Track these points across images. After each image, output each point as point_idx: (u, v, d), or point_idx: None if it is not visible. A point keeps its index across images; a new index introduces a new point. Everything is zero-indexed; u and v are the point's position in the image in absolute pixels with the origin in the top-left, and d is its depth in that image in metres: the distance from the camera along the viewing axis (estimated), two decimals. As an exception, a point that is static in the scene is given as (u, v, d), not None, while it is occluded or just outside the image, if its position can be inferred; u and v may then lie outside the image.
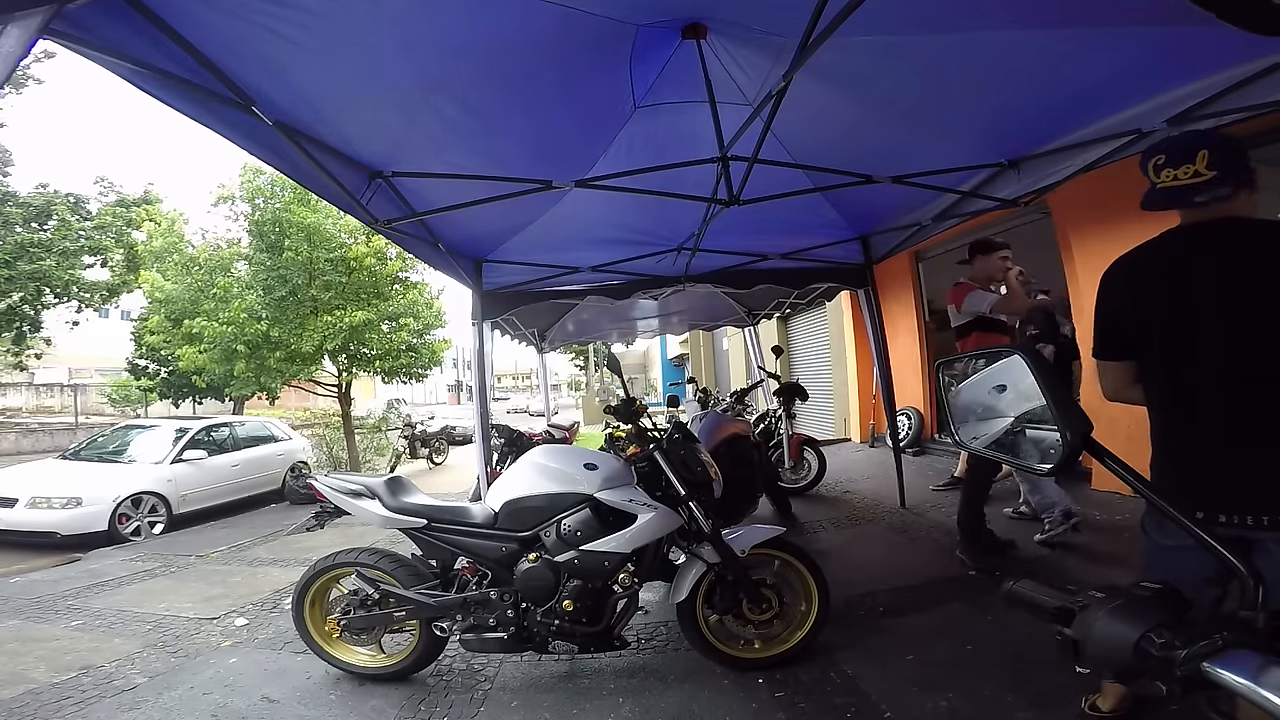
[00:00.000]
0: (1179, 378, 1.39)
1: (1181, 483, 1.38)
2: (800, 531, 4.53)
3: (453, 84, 2.30)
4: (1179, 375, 1.39)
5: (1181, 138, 1.36)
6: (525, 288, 4.82)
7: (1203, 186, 1.31)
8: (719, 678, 2.51)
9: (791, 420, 5.72)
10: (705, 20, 2.13)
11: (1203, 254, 1.35)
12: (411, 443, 11.63)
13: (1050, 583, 0.75)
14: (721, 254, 4.72)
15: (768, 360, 7.07)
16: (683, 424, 3.02)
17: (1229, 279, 1.31)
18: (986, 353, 0.96)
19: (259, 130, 2.17)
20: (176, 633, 3.43)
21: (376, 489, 2.57)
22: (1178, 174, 1.33)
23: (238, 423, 9.16)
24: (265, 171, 9.71)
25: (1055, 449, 0.81)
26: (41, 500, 6.31)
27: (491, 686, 2.58)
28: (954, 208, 3.75)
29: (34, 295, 14.43)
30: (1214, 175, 1.29)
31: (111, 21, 1.52)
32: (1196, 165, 1.30)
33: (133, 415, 18.64)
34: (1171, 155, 1.34)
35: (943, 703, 2.20)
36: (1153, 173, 1.38)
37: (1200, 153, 1.31)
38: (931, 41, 2.19)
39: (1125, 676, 0.59)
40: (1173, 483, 1.41)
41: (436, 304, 11.67)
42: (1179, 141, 1.36)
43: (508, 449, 5.67)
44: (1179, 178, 1.33)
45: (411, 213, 3.22)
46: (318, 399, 13.26)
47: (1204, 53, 2.00)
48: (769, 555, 2.57)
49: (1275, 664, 0.50)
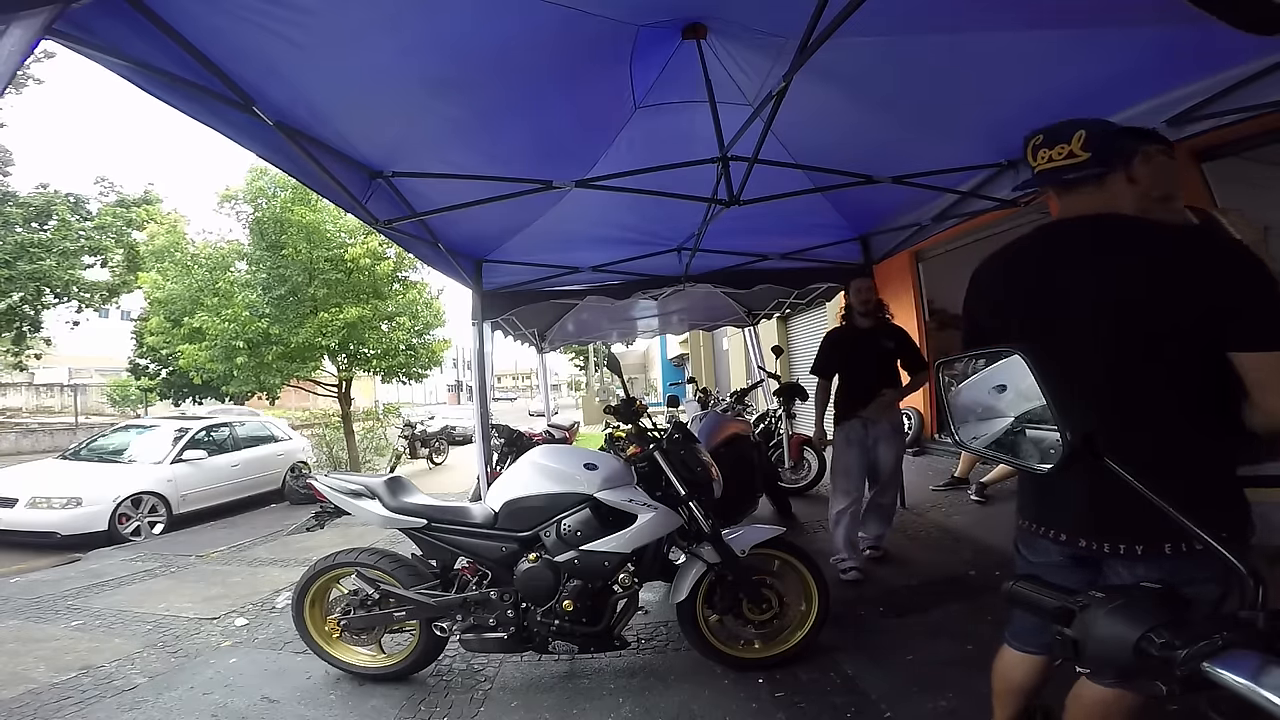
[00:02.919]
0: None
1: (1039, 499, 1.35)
2: (800, 531, 4.53)
3: (453, 84, 2.31)
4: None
5: (1065, 122, 1.30)
6: (525, 288, 4.82)
7: (1073, 167, 1.27)
8: (719, 678, 2.51)
9: (791, 420, 5.73)
10: (705, 20, 2.13)
11: (1063, 251, 1.29)
12: (411, 443, 11.63)
13: (1050, 583, 0.75)
14: (721, 254, 4.72)
15: (768, 360, 7.06)
16: (683, 424, 3.02)
17: (1078, 282, 1.24)
18: (986, 353, 0.96)
19: (260, 130, 2.17)
20: (176, 633, 3.43)
21: (376, 489, 2.57)
22: (1052, 154, 1.29)
23: (237, 423, 9.16)
24: (269, 173, 9.72)
25: (1055, 449, 0.81)
26: (41, 500, 6.32)
27: (491, 686, 2.58)
28: (954, 208, 3.75)
29: (34, 295, 14.41)
30: (1087, 156, 1.25)
31: (112, 22, 1.53)
32: (1071, 146, 1.26)
33: (133, 415, 18.62)
34: (1049, 136, 1.30)
35: (943, 703, 2.20)
36: (1030, 155, 1.33)
37: (1077, 134, 1.26)
38: (931, 41, 2.19)
39: (1125, 676, 0.59)
40: (1029, 498, 1.38)
41: (436, 304, 11.67)
42: (1060, 124, 1.30)
43: (508, 449, 5.67)
44: (1053, 159, 1.29)
45: (411, 213, 3.22)
46: (318, 399, 13.23)
47: (1204, 53, 2.00)
48: (769, 555, 2.57)
49: (1275, 664, 0.50)
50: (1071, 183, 1.29)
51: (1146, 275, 1.16)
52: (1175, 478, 0.83)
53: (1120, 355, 1.19)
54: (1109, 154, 1.25)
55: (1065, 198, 1.32)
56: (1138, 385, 1.18)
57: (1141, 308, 1.16)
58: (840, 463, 3.58)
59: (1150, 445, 1.12)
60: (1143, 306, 1.16)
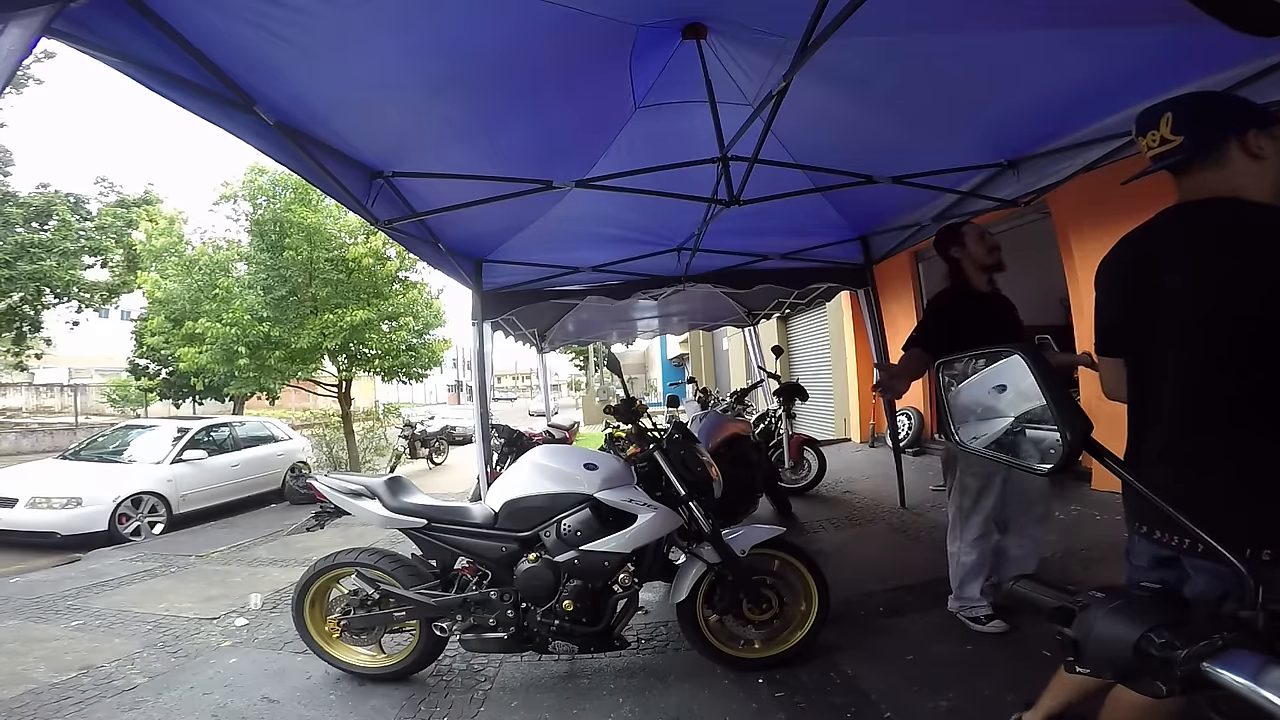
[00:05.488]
0: (1137, 384, 1.30)
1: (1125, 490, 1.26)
2: (800, 531, 4.53)
3: (453, 85, 2.31)
4: (1137, 382, 1.30)
5: (1154, 105, 1.23)
6: (525, 288, 4.82)
7: (1166, 155, 1.20)
8: (719, 678, 2.51)
9: (791, 420, 5.73)
10: (705, 20, 2.13)
11: (1171, 242, 1.21)
12: (411, 443, 11.63)
13: (1050, 583, 0.75)
14: (721, 254, 4.72)
15: (768, 360, 7.07)
16: (683, 424, 3.02)
17: (1195, 277, 1.15)
18: (986, 353, 0.96)
19: (261, 129, 2.17)
20: (176, 633, 3.43)
21: (376, 489, 2.57)
22: (1148, 142, 1.23)
23: (238, 423, 9.16)
24: (268, 170, 9.72)
25: (1055, 449, 0.81)
26: (41, 500, 6.31)
27: (491, 686, 2.58)
28: (954, 208, 3.75)
29: (34, 295, 14.42)
30: (1180, 140, 1.17)
31: (112, 21, 1.52)
32: (1161, 131, 1.20)
33: (133, 415, 18.62)
34: (1140, 124, 1.25)
35: (943, 703, 2.20)
36: (1140, 146, 1.27)
37: (1164, 116, 1.19)
38: (932, 41, 2.19)
39: (1125, 676, 0.59)
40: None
41: (436, 304, 11.68)
42: (1149, 109, 1.24)
43: (508, 449, 5.67)
44: (1151, 145, 1.22)
45: (412, 213, 3.22)
46: (318, 399, 13.24)
47: (1204, 53, 2.00)
48: (769, 555, 2.57)
49: (1275, 664, 0.50)
50: (1180, 166, 1.20)
51: (1237, 273, 1.08)
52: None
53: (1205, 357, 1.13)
54: (1205, 133, 1.17)
55: (1182, 181, 1.22)
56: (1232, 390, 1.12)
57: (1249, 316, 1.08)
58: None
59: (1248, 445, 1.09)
60: (1250, 314, 1.08)
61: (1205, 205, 1.17)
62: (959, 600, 2.75)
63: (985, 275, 2.61)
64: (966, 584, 2.70)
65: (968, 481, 2.63)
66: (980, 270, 2.59)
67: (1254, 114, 1.18)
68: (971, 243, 2.59)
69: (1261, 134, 1.14)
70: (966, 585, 2.70)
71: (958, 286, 2.64)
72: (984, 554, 2.66)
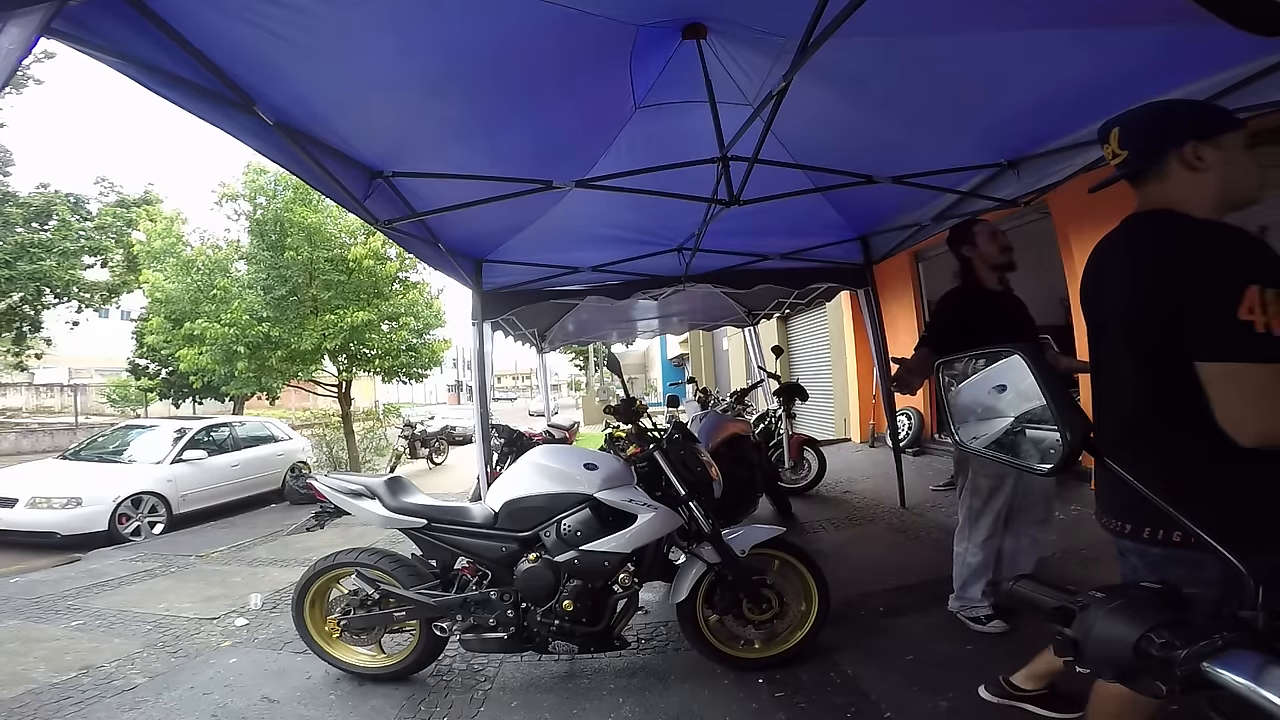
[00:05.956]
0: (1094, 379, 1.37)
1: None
2: (800, 531, 4.53)
3: (453, 84, 2.31)
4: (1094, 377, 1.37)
5: (1110, 119, 1.26)
6: (525, 288, 4.82)
7: (1120, 165, 1.25)
8: (719, 678, 2.51)
9: (791, 420, 5.73)
10: (705, 20, 2.13)
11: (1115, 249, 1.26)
12: (411, 443, 11.63)
13: (1050, 582, 0.75)
14: (721, 254, 4.72)
15: (768, 360, 7.07)
16: (683, 424, 3.02)
17: (1112, 285, 1.21)
18: (986, 353, 0.96)
19: (261, 129, 2.17)
20: (176, 633, 3.43)
21: (376, 489, 2.57)
22: (1107, 153, 1.27)
23: (238, 423, 9.16)
24: (268, 170, 9.71)
25: (1055, 449, 0.81)
26: (41, 500, 6.31)
27: (491, 686, 2.58)
28: (954, 208, 3.75)
29: (34, 295, 14.43)
30: (1125, 155, 1.22)
31: (112, 21, 1.52)
32: (1111, 145, 1.24)
33: (133, 415, 18.62)
34: (1100, 135, 1.28)
35: (943, 703, 2.20)
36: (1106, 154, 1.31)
37: (1113, 131, 1.24)
38: (931, 41, 2.19)
39: (1125, 676, 0.59)
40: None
41: (436, 304, 11.68)
42: (1105, 122, 1.27)
43: (508, 449, 5.67)
44: (1108, 157, 1.27)
45: (411, 213, 3.22)
46: (318, 399, 13.23)
47: (1204, 53, 2.00)
48: (769, 555, 2.57)
49: (1275, 664, 0.50)
50: (1134, 177, 1.24)
51: (1146, 280, 1.12)
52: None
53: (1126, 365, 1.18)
54: (1146, 147, 1.20)
55: (1138, 191, 1.26)
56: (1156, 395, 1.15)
57: (1135, 321, 1.14)
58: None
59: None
60: (1135, 319, 1.14)
61: (1145, 216, 1.22)
62: (960, 600, 2.75)
63: (996, 274, 2.59)
64: (970, 584, 2.70)
65: (980, 482, 2.60)
66: (991, 269, 2.58)
67: (1199, 125, 1.18)
68: (983, 241, 2.57)
69: (1203, 145, 1.15)
70: (969, 585, 2.70)
71: (969, 285, 2.62)
72: (990, 555, 2.65)
